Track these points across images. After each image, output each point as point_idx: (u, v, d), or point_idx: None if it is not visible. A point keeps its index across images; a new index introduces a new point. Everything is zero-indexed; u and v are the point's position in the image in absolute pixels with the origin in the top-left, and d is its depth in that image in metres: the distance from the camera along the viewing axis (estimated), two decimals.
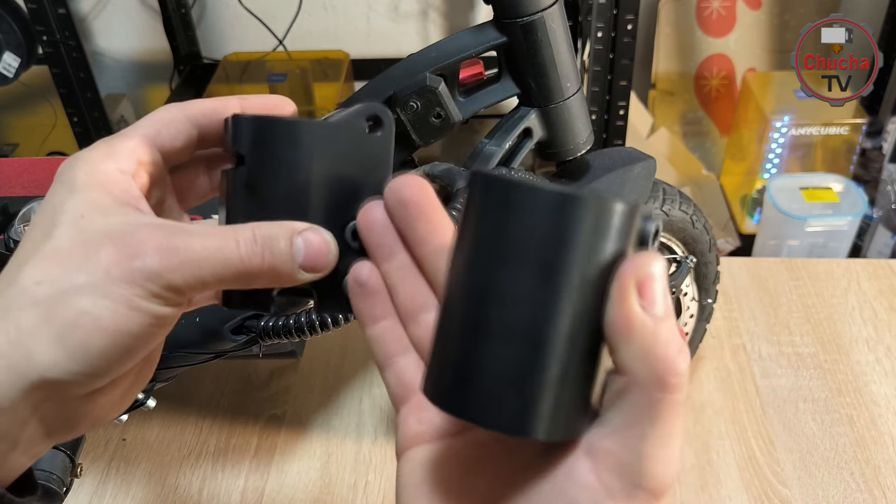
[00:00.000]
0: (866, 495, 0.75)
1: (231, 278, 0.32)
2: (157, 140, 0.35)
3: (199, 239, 0.31)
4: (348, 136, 0.34)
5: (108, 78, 2.08)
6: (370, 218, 0.34)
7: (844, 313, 0.95)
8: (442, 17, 1.97)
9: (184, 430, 0.85)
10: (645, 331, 0.26)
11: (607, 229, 0.27)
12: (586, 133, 0.66)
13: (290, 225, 0.33)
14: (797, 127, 1.74)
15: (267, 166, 0.34)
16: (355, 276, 0.34)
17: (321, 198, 0.34)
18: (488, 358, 0.27)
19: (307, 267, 0.33)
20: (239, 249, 0.32)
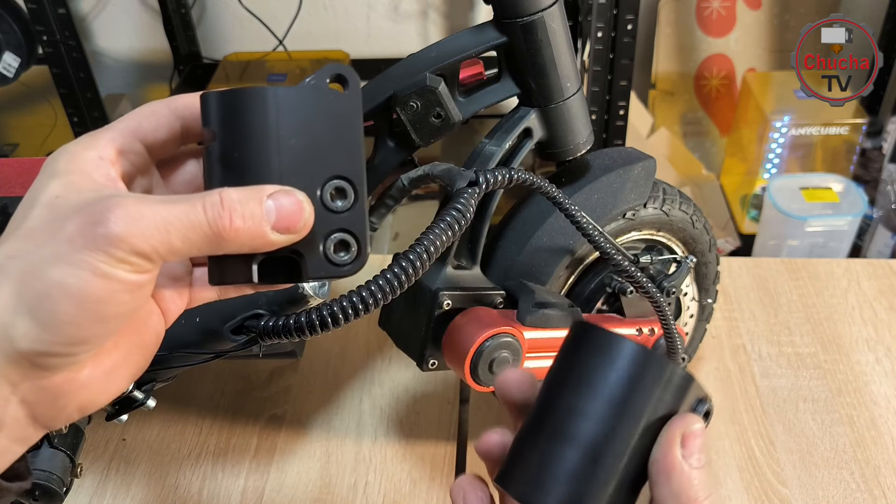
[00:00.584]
0: (866, 495, 0.75)
1: (200, 242, 0.32)
2: (138, 131, 0.36)
3: (166, 204, 0.32)
4: (314, 98, 0.34)
5: (108, 78, 2.08)
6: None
7: (844, 313, 0.95)
8: (442, 17, 1.97)
9: (184, 430, 0.85)
10: (682, 475, 0.34)
11: (671, 387, 0.35)
12: (586, 133, 0.66)
13: (261, 187, 0.33)
14: (797, 127, 1.74)
15: (237, 136, 0.34)
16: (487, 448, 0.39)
17: (294, 160, 0.34)
18: (556, 457, 0.34)
19: (280, 228, 0.33)
20: (205, 212, 0.32)
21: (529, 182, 0.55)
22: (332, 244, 0.35)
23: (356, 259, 0.35)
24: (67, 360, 0.32)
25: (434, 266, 0.62)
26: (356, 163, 0.35)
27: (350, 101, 0.35)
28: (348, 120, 0.35)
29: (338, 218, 0.34)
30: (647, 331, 0.70)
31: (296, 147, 0.34)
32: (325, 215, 0.34)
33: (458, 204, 0.48)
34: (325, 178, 0.34)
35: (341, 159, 0.34)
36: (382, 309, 0.68)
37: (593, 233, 0.59)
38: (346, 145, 0.34)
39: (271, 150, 0.34)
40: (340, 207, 0.35)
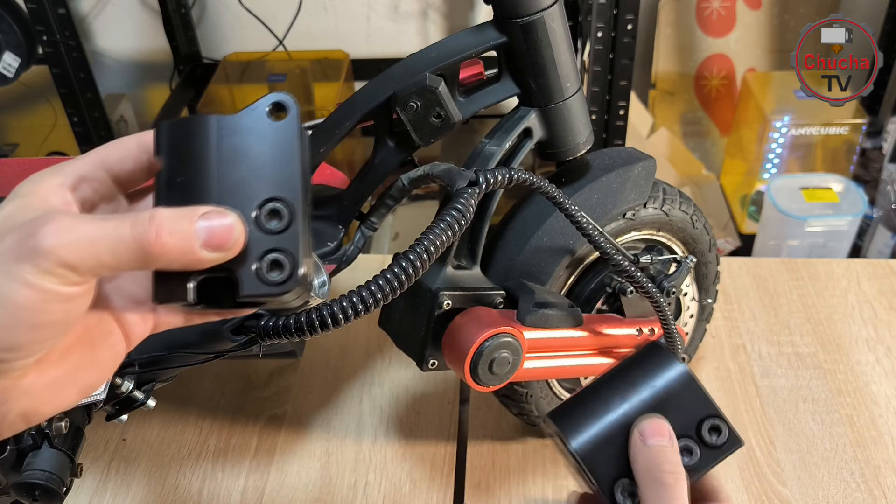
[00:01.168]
0: (866, 495, 0.75)
1: (129, 258, 0.34)
2: (105, 162, 0.39)
3: (98, 221, 0.34)
4: (253, 124, 0.36)
5: (108, 78, 2.08)
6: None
7: (844, 313, 0.95)
8: (442, 17, 1.97)
9: (184, 430, 0.85)
10: (641, 452, 0.46)
11: (689, 398, 0.49)
12: (586, 133, 0.66)
13: (195, 207, 0.35)
14: (797, 127, 1.74)
15: (180, 161, 0.36)
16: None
17: (231, 183, 0.36)
18: (589, 411, 0.49)
19: (210, 246, 0.34)
20: (132, 229, 0.33)
21: (529, 182, 0.55)
22: (265, 263, 0.36)
23: (289, 279, 0.36)
24: (4, 366, 0.34)
25: (434, 266, 0.62)
26: (293, 185, 0.36)
27: (288, 127, 0.36)
28: (286, 145, 0.36)
29: (272, 238, 0.36)
30: (647, 331, 0.70)
31: (234, 170, 0.36)
32: (259, 235, 0.36)
33: (458, 204, 0.48)
34: (260, 199, 0.36)
35: (278, 182, 0.36)
36: (382, 309, 0.68)
37: (593, 233, 0.59)
38: (284, 169, 0.36)
39: (210, 172, 0.36)
40: (275, 228, 0.36)
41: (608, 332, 0.68)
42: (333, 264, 0.67)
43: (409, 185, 0.62)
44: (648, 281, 0.63)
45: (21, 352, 0.34)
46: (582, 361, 0.68)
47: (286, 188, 0.36)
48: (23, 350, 0.34)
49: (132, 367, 0.64)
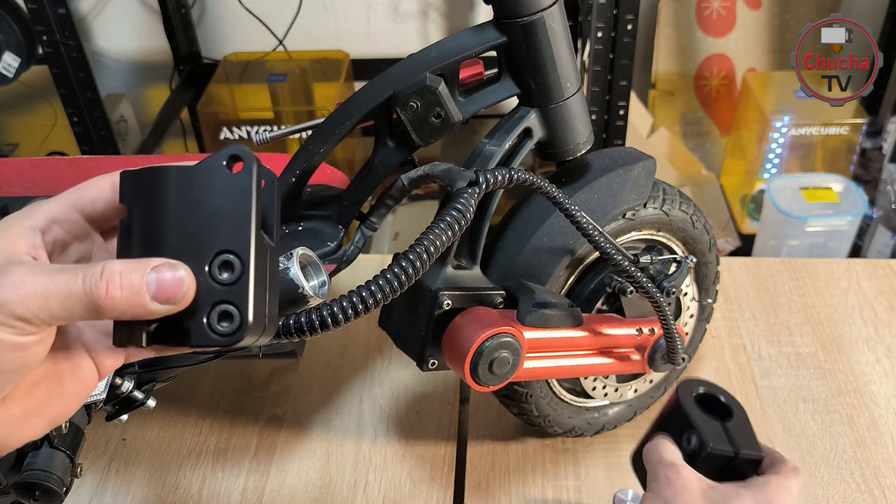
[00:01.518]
0: (866, 495, 0.75)
1: (80, 310, 0.35)
2: (77, 203, 0.40)
3: (50, 274, 0.35)
4: (209, 177, 0.37)
5: (108, 78, 2.08)
6: None
7: (844, 313, 0.95)
8: (442, 17, 1.97)
9: (184, 430, 0.85)
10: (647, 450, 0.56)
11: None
12: (586, 133, 0.66)
13: (147, 260, 0.36)
14: (797, 127, 1.74)
15: (140, 211, 0.38)
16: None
17: (185, 235, 0.37)
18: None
19: (160, 298, 0.36)
20: (83, 283, 0.35)
21: (529, 182, 0.55)
22: (215, 314, 0.37)
23: (237, 330, 0.37)
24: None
25: (434, 266, 0.62)
26: (245, 238, 0.37)
27: (243, 180, 0.37)
28: (241, 198, 0.37)
29: (223, 290, 0.37)
30: (647, 331, 0.70)
31: (189, 222, 0.37)
32: (210, 287, 0.37)
33: (458, 204, 0.48)
34: (213, 251, 0.37)
35: (231, 235, 0.37)
36: (382, 309, 0.68)
37: (593, 233, 0.59)
38: (237, 221, 0.37)
39: (167, 224, 0.37)
40: (226, 280, 0.37)
41: (608, 332, 0.68)
42: (333, 264, 0.67)
43: (409, 185, 0.62)
44: (648, 281, 0.63)
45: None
46: (582, 361, 0.68)
47: (238, 241, 0.37)
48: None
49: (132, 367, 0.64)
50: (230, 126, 1.80)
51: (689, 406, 0.56)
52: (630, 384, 0.78)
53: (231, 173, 0.37)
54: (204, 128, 1.83)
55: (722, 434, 0.55)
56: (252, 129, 1.80)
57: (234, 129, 1.80)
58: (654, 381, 0.80)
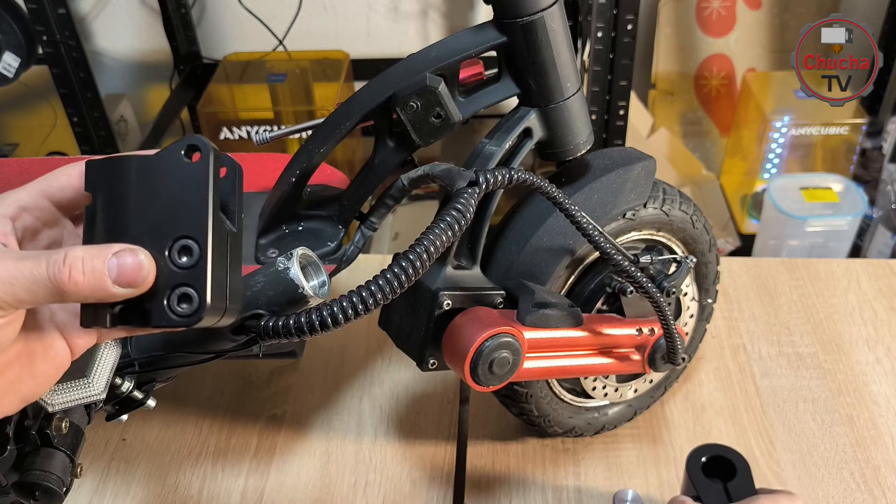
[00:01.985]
0: (866, 495, 0.75)
1: (45, 294, 0.37)
2: (46, 190, 0.42)
3: (16, 261, 0.37)
4: (168, 166, 0.39)
5: (108, 78, 2.08)
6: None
7: (844, 313, 0.95)
8: (442, 17, 1.97)
9: (184, 430, 0.85)
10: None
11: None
12: (586, 133, 0.66)
13: (108, 246, 0.38)
14: (797, 127, 1.74)
15: (103, 198, 0.39)
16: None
17: (147, 221, 0.39)
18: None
19: (121, 283, 0.37)
20: (46, 269, 0.36)
21: (529, 182, 0.55)
22: (175, 296, 0.38)
23: (195, 311, 0.38)
24: None
25: (434, 266, 0.62)
26: (203, 224, 0.39)
27: (200, 169, 0.39)
28: (198, 185, 0.39)
29: (182, 273, 0.38)
30: (647, 331, 0.70)
31: (149, 209, 0.39)
32: (170, 270, 0.38)
33: (458, 204, 0.48)
34: (173, 237, 0.38)
35: (189, 220, 0.39)
36: (382, 309, 0.68)
37: (593, 233, 0.59)
38: (195, 208, 0.39)
39: (128, 211, 0.39)
40: (185, 264, 0.38)
41: (608, 332, 0.68)
42: (333, 264, 0.67)
43: (409, 185, 0.62)
44: (648, 281, 0.63)
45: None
46: (582, 361, 0.68)
47: (195, 227, 0.38)
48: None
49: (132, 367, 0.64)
50: (230, 126, 1.80)
51: (695, 476, 0.65)
52: (630, 384, 0.78)
53: (190, 162, 0.39)
54: (204, 128, 1.83)
55: (723, 495, 0.63)
56: (252, 129, 1.80)
57: (234, 129, 1.80)
58: (654, 381, 0.80)
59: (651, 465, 0.79)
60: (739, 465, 0.65)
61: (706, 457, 0.66)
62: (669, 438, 0.81)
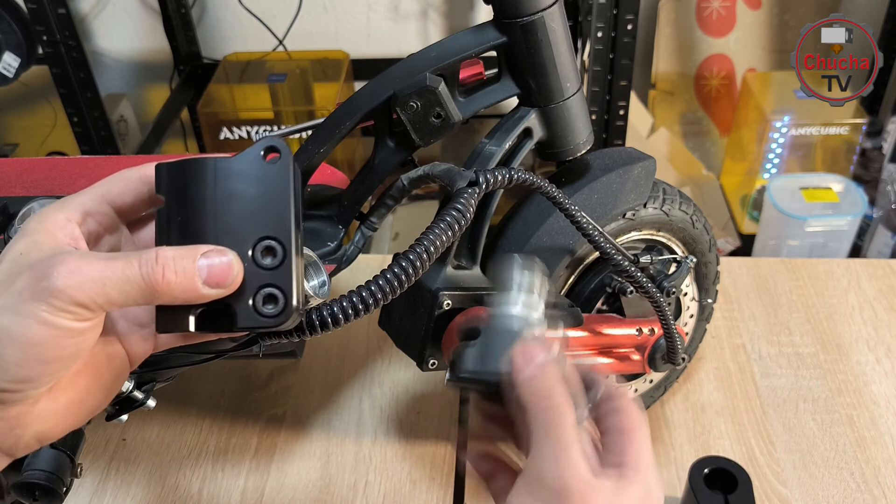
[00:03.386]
0: (866, 495, 0.75)
1: (136, 295, 0.36)
2: (107, 195, 0.41)
3: (106, 261, 0.36)
4: (248, 167, 0.39)
5: (108, 78, 2.08)
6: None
7: (844, 313, 0.95)
8: (442, 17, 1.97)
9: (184, 430, 0.85)
10: (521, 386, 0.43)
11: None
12: (586, 133, 0.66)
13: (196, 247, 0.37)
14: (797, 127, 1.74)
15: (180, 201, 0.39)
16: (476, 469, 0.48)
17: (228, 222, 0.38)
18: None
19: (211, 283, 0.37)
20: (140, 268, 0.36)
21: (529, 182, 0.55)
22: (260, 297, 0.38)
23: (282, 312, 0.38)
24: (17, 395, 0.36)
25: (434, 266, 0.62)
26: (286, 225, 0.39)
27: (281, 169, 0.39)
28: (280, 187, 0.39)
29: (267, 274, 0.38)
30: (647, 331, 0.70)
31: (230, 210, 0.39)
32: (255, 271, 0.38)
33: (458, 204, 0.48)
34: (256, 238, 0.38)
35: (272, 221, 0.39)
36: (382, 309, 0.68)
37: (593, 233, 0.59)
38: (277, 209, 0.39)
39: (208, 213, 0.39)
40: (269, 264, 0.38)
41: (608, 332, 0.68)
42: (333, 264, 0.67)
43: (409, 185, 0.62)
44: (648, 281, 0.63)
45: (31, 384, 0.36)
46: (582, 361, 0.68)
47: (279, 228, 0.38)
48: (33, 382, 0.36)
49: None
50: (230, 126, 1.80)
51: (697, 487, 0.66)
52: (630, 384, 0.78)
53: (269, 163, 0.39)
54: (204, 128, 1.83)
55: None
56: (252, 129, 1.80)
57: (234, 129, 1.80)
58: (654, 381, 0.80)
59: None
60: (741, 479, 0.66)
61: (709, 469, 0.67)
62: (669, 438, 0.81)
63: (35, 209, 0.68)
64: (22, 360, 0.35)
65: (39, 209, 0.67)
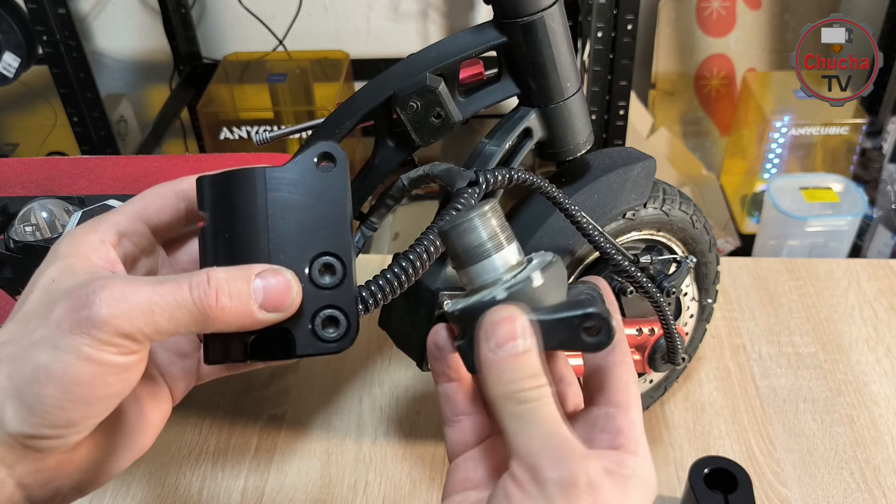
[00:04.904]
0: (866, 495, 0.75)
1: (188, 322, 0.32)
2: (143, 214, 0.37)
3: (153, 285, 0.32)
4: (301, 177, 0.35)
5: (108, 78, 2.08)
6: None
7: (844, 313, 0.95)
8: (442, 17, 1.97)
9: (184, 430, 0.85)
10: (492, 364, 0.33)
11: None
12: (586, 133, 0.66)
13: (249, 267, 0.33)
14: (797, 127, 1.74)
15: (227, 216, 0.35)
16: (434, 340, 0.37)
17: (282, 238, 0.34)
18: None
19: (268, 306, 0.33)
20: (191, 292, 0.32)
21: (529, 182, 0.55)
22: (320, 320, 0.35)
23: (345, 335, 0.35)
24: (57, 441, 0.32)
25: (434, 266, 0.62)
26: (344, 239, 0.35)
27: (337, 178, 0.35)
28: (336, 196, 0.35)
29: (326, 294, 0.35)
30: (647, 331, 0.70)
31: (284, 225, 0.34)
32: (313, 291, 0.35)
33: (459, 204, 0.48)
34: (313, 254, 0.35)
35: (329, 236, 0.35)
36: (382, 309, 0.68)
37: (593, 233, 0.59)
38: (334, 222, 0.35)
39: (260, 228, 0.34)
40: (329, 283, 0.35)
41: None
42: None
43: (409, 185, 0.62)
44: (648, 281, 0.63)
45: (73, 427, 0.32)
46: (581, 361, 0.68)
47: (338, 242, 0.35)
48: (75, 426, 0.32)
49: None
50: (230, 126, 1.80)
51: (697, 486, 0.66)
52: None
53: (323, 172, 0.35)
54: (204, 128, 1.84)
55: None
56: (252, 129, 1.80)
57: (235, 129, 1.80)
58: (654, 382, 0.80)
59: None
60: (741, 479, 0.66)
61: (709, 468, 0.67)
62: (669, 438, 0.81)
63: (35, 209, 0.68)
64: (63, 402, 0.31)
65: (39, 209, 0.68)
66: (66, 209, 0.69)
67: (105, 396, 0.32)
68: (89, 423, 0.32)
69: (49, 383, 0.30)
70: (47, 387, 0.30)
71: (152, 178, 0.78)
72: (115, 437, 0.36)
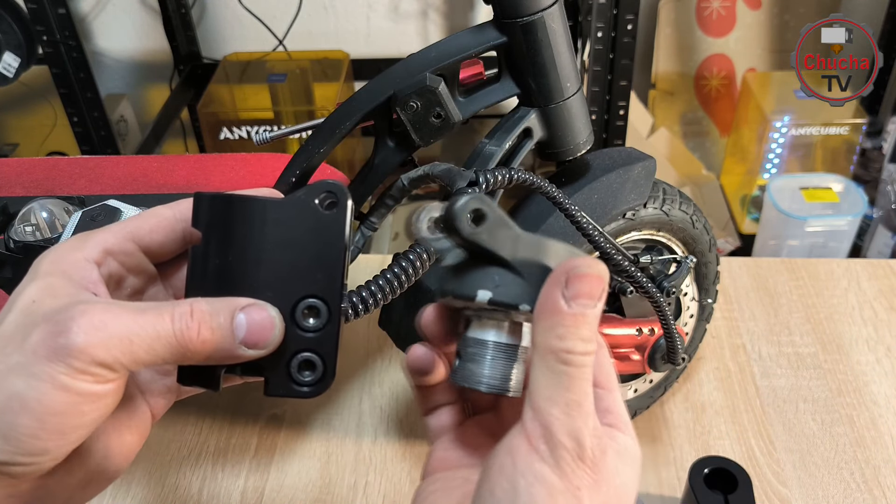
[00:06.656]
0: (866, 495, 0.75)
1: (167, 354, 0.31)
2: (135, 233, 0.36)
3: (132, 314, 0.31)
4: (301, 213, 0.34)
5: (108, 78, 2.08)
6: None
7: (844, 313, 0.95)
8: (442, 17, 1.97)
9: (184, 430, 0.85)
10: (558, 314, 0.31)
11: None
12: (586, 133, 0.66)
13: (234, 300, 0.33)
14: (797, 127, 1.74)
15: (220, 241, 0.34)
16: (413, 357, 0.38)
17: (272, 273, 0.34)
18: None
19: (249, 343, 0.33)
20: (172, 324, 0.31)
21: (529, 182, 0.55)
22: (297, 362, 0.34)
23: (320, 381, 0.35)
24: (31, 468, 0.31)
25: (434, 266, 0.62)
26: (335, 283, 0.34)
27: (337, 220, 0.35)
28: (332, 239, 0.34)
29: (308, 337, 0.34)
30: (647, 331, 0.70)
31: (276, 261, 0.34)
32: (295, 333, 0.34)
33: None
34: (300, 295, 0.34)
35: (320, 278, 0.34)
36: (382, 309, 0.68)
37: (593, 233, 0.59)
38: (327, 264, 0.34)
39: (250, 261, 0.34)
40: (312, 326, 0.34)
41: (608, 332, 0.68)
42: None
43: (409, 185, 0.62)
44: (648, 281, 0.63)
45: (47, 455, 0.31)
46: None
47: (327, 287, 0.34)
48: (49, 454, 0.31)
49: None
50: (230, 126, 1.80)
51: (697, 486, 0.66)
52: (630, 384, 0.78)
53: (325, 212, 0.34)
54: (204, 128, 1.84)
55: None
56: (252, 129, 1.80)
57: (234, 129, 1.80)
58: (654, 382, 0.80)
59: (650, 464, 0.79)
60: (741, 479, 0.66)
61: (709, 469, 0.67)
62: (669, 438, 0.81)
63: (35, 209, 0.68)
64: (38, 431, 0.30)
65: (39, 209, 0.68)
66: (66, 209, 0.69)
67: (80, 425, 0.31)
68: (64, 451, 0.32)
69: (23, 413, 0.30)
70: (22, 416, 0.30)
71: (152, 178, 0.78)
72: (90, 462, 0.35)
